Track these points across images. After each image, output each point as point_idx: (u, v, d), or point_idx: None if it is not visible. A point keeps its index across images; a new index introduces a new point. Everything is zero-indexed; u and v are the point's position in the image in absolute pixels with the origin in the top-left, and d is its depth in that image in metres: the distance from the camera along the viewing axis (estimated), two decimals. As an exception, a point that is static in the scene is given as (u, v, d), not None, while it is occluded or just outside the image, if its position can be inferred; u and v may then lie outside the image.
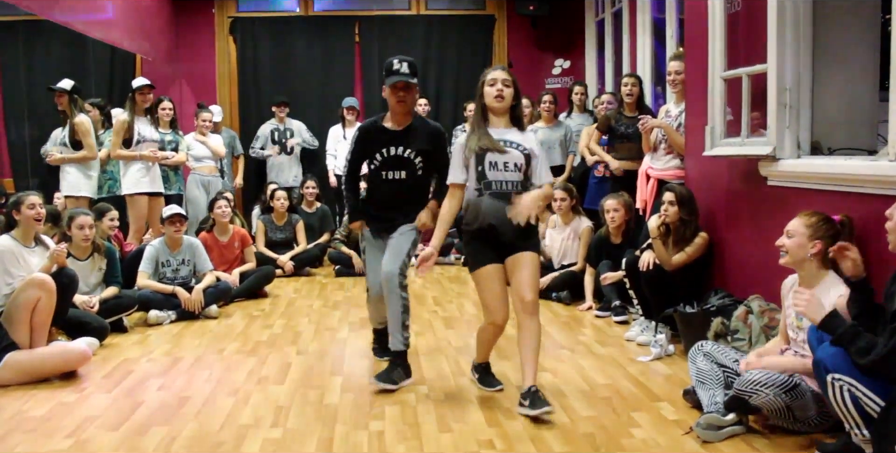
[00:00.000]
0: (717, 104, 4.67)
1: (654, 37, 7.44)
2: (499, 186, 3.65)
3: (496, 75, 3.73)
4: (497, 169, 3.65)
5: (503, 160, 3.65)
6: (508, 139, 3.69)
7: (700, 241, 4.74)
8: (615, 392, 3.83)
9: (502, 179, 3.65)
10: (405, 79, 4.08)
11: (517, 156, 3.66)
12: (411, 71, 4.12)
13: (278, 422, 3.48)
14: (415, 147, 4.15)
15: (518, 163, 3.66)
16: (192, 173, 8.04)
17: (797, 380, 3.02)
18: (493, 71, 3.77)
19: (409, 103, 4.15)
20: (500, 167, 3.65)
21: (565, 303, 5.95)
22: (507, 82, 3.71)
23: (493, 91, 3.70)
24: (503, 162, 3.65)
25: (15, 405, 3.75)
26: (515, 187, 3.66)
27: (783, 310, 3.39)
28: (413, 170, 4.18)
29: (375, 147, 4.16)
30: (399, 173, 4.18)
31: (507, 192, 3.64)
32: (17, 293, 4.35)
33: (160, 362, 4.54)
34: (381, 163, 4.17)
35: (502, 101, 3.70)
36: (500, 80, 3.71)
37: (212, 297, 5.81)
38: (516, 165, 3.66)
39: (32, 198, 4.68)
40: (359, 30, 10.03)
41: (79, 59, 9.35)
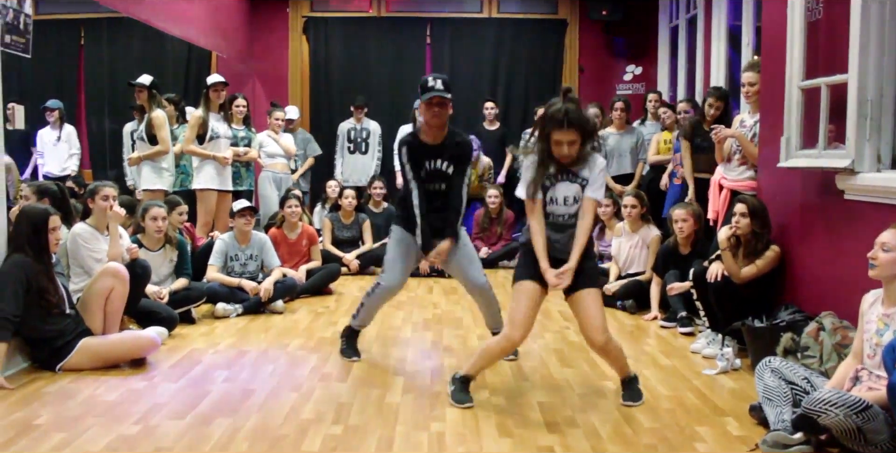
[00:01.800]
0: (794, 114, 4.56)
1: (729, 44, 7.32)
2: (556, 219, 3.69)
3: (561, 137, 3.52)
4: (556, 203, 3.67)
5: (563, 195, 3.65)
6: (572, 171, 3.64)
7: (771, 255, 4.64)
8: (679, 404, 3.77)
9: (559, 213, 3.68)
10: (440, 94, 4.20)
11: (576, 190, 3.65)
12: (445, 87, 4.23)
13: (340, 419, 3.51)
14: (449, 160, 4.34)
15: (577, 196, 3.65)
16: (264, 170, 8.17)
17: (870, 402, 2.93)
18: (557, 129, 3.52)
19: (443, 118, 4.29)
20: (558, 201, 3.66)
21: (630, 312, 5.88)
22: (573, 141, 3.53)
23: (559, 150, 3.56)
24: (563, 197, 3.66)
25: (88, 389, 3.87)
26: (566, 220, 3.67)
27: (860, 327, 3.29)
28: (450, 182, 4.37)
29: (421, 160, 4.32)
30: (440, 185, 4.37)
31: (564, 225, 3.68)
32: (93, 281, 4.49)
33: (226, 354, 4.63)
34: (426, 176, 4.34)
35: (570, 159, 3.59)
36: (565, 142, 3.52)
37: (278, 293, 5.89)
38: (575, 199, 3.66)
39: (107, 190, 4.82)
40: (430, 31, 10.08)
41: (157, 56, 9.60)
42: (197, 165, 6.86)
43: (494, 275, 7.71)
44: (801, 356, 3.79)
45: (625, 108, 7.43)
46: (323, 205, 8.31)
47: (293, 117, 8.91)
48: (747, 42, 6.79)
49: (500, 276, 7.63)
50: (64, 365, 4.14)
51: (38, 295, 4.08)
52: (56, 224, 4.20)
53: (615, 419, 3.55)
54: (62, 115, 8.49)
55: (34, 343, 4.18)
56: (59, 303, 4.18)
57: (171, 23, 7.55)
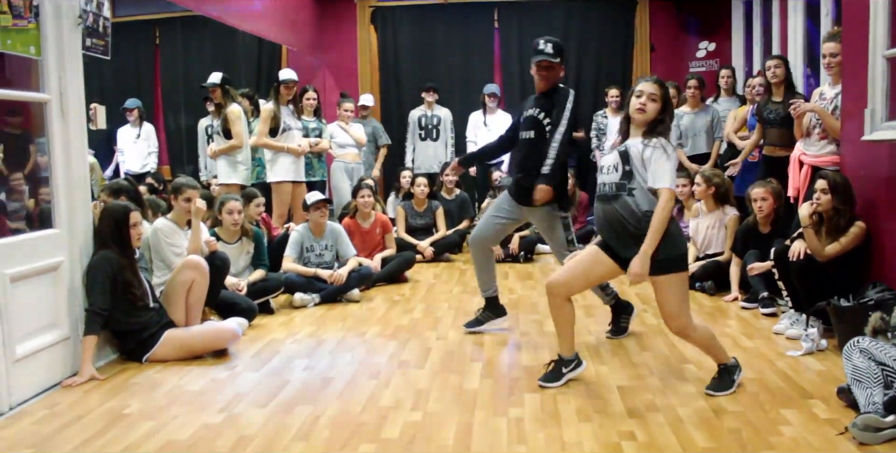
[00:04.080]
0: (879, 85, 4.39)
1: (806, 16, 7.06)
2: (601, 189, 3.64)
3: (643, 88, 3.58)
4: (602, 172, 3.64)
5: (606, 164, 3.62)
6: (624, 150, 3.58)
7: (856, 231, 4.49)
8: (763, 387, 3.68)
9: (602, 182, 3.63)
10: (547, 58, 4.44)
11: (614, 157, 3.58)
12: (555, 50, 4.47)
13: (418, 406, 3.53)
14: (543, 108, 4.50)
15: (615, 164, 3.57)
16: (336, 160, 8.25)
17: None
18: (643, 81, 3.62)
19: (550, 79, 4.51)
20: (604, 170, 3.63)
21: (710, 294, 5.76)
22: (653, 97, 3.55)
23: (636, 103, 3.57)
24: (606, 165, 3.62)
25: (173, 379, 3.98)
26: (610, 189, 3.57)
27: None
28: (541, 131, 4.48)
29: (524, 109, 4.62)
30: (528, 133, 4.54)
31: (607, 196, 3.59)
32: (175, 274, 4.60)
33: (305, 343, 4.70)
34: (522, 123, 4.60)
35: (643, 113, 3.55)
36: (646, 93, 3.56)
37: (354, 281, 5.95)
38: (614, 166, 3.57)
39: (190, 192, 4.89)
40: (498, 16, 10.00)
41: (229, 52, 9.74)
42: (270, 158, 6.97)
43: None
44: (891, 336, 3.64)
45: (699, 86, 7.24)
46: (397, 195, 8.36)
47: (369, 104, 8.98)
48: (826, 12, 6.54)
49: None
50: (150, 357, 4.26)
51: (123, 289, 4.20)
52: (137, 219, 4.32)
53: (697, 403, 3.48)
54: (141, 114, 8.71)
55: (121, 335, 4.31)
56: (143, 297, 4.30)
57: (241, 18, 7.67)
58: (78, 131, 4.15)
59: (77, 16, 4.14)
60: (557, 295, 3.73)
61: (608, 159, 3.63)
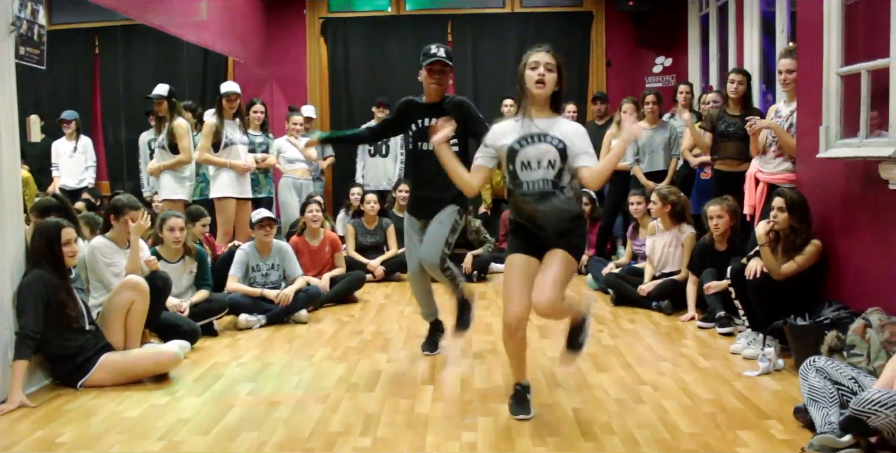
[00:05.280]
0: (833, 102, 4.51)
1: (762, 31, 7.24)
2: (531, 187, 3.51)
3: (538, 58, 3.51)
4: (529, 168, 3.50)
5: (536, 159, 3.49)
6: (545, 132, 3.50)
7: (812, 250, 4.59)
8: (720, 408, 3.73)
9: (534, 179, 3.50)
10: (442, 59, 4.40)
11: (549, 152, 3.47)
12: (447, 55, 4.44)
13: (368, 431, 3.51)
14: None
15: (551, 160, 3.47)
16: (285, 176, 8.22)
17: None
18: (535, 52, 3.55)
19: (443, 84, 4.48)
20: (532, 166, 3.49)
21: (666, 313, 5.84)
22: (549, 66, 3.50)
23: (533, 75, 3.50)
24: (536, 161, 3.49)
25: (110, 406, 3.90)
26: (547, 185, 3.49)
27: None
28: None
29: (411, 117, 4.50)
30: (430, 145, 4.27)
31: (541, 192, 3.49)
32: (113, 295, 4.53)
33: (250, 367, 4.65)
34: (415, 134, 4.49)
35: (543, 87, 3.50)
36: (542, 63, 3.49)
37: (301, 302, 5.92)
38: (549, 162, 3.48)
39: (132, 214, 4.82)
40: (451, 29, 10.08)
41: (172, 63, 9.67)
42: (213, 173, 6.91)
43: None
44: (847, 355, 3.73)
45: (657, 102, 7.36)
46: (346, 212, 8.34)
47: (312, 116, 8.95)
48: (781, 28, 6.72)
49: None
50: (85, 382, 4.18)
51: (57, 310, 4.12)
52: (70, 236, 4.23)
53: (653, 424, 3.52)
54: (78, 127, 8.60)
55: (54, 359, 4.22)
56: (78, 318, 4.22)
57: (185, 28, 7.62)
58: (10, 144, 4.07)
59: (10, 23, 4.07)
60: (522, 328, 3.56)
61: (537, 152, 3.49)
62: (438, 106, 4.45)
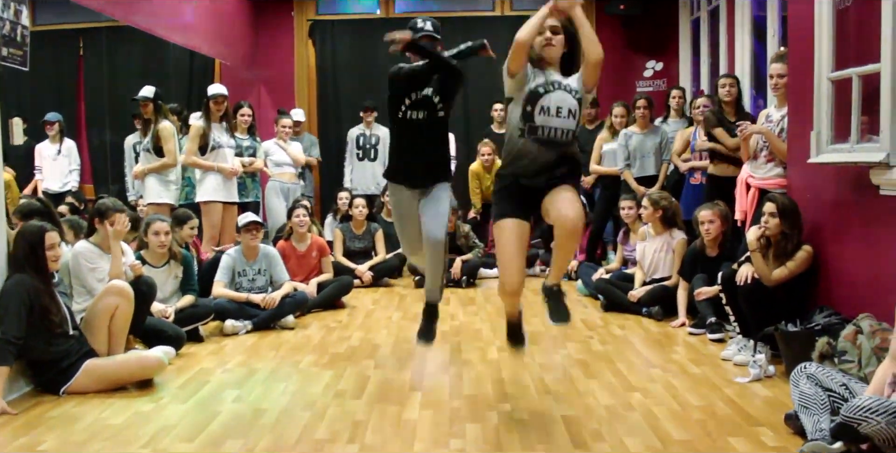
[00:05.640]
0: (824, 107, 4.53)
1: (754, 36, 7.28)
2: (546, 133, 3.57)
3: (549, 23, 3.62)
4: (549, 113, 3.56)
5: (556, 105, 3.56)
6: (561, 81, 3.61)
7: (803, 255, 4.61)
8: (710, 414, 3.74)
9: (552, 126, 3.57)
10: (430, 34, 4.40)
11: (571, 102, 3.58)
12: (434, 29, 4.43)
13: (355, 438, 3.51)
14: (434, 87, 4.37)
15: (572, 109, 3.58)
16: (272, 180, 8.20)
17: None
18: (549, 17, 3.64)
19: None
20: (552, 112, 3.56)
21: (657, 319, 5.85)
22: (556, 29, 3.60)
23: (541, 39, 3.60)
24: (556, 107, 3.56)
25: (93, 413, 3.88)
26: (566, 135, 3.58)
27: (898, 330, 3.26)
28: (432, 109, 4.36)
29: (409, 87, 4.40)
30: (420, 113, 4.35)
31: (555, 141, 3.58)
32: (96, 300, 4.51)
33: (236, 373, 4.64)
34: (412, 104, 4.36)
35: (552, 47, 3.60)
36: (548, 27, 3.59)
37: (288, 308, 5.90)
38: (570, 111, 3.58)
39: (117, 217, 4.82)
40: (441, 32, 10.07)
41: (158, 65, 9.65)
42: (199, 177, 6.90)
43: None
44: (838, 361, 3.75)
45: (648, 106, 7.38)
46: (334, 217, 8.32)
47: (300, 119, 8.95)
48: (773, 33, 6.75)
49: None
50: (68, 388, 4.16)
51: (40, 315, 4.10)
52: (53, 241, 4.22)
53: (643, 431, 3.52)
54: (62, 129, 8.55)
55: (37, 365, 4.20)
56: (61, 324, 4.20)
57: (171, 30, 7.61)
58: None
59: (-7, 25, 4.07)
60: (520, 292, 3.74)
61: (557, 100, 3.57)
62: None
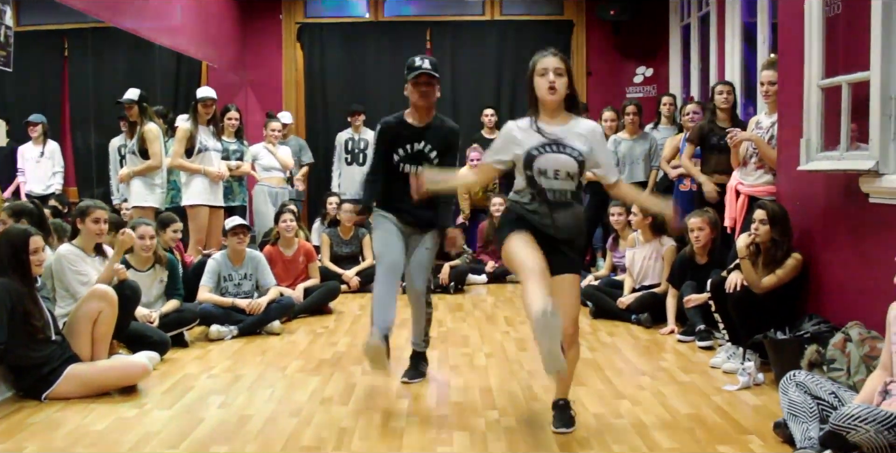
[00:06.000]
0: (814, 115, 4.56)
1: (744, 42, 7.32)
2: (556, 196, 3.51)
3: (546, 64, 3.49)
4: (546, 176, 3.50)
5: (553, 168, 3.48)
6: (561, 141, 3.49)
7: (793, 263, 4.63)
8: (699, 422, 3.75)
9: (555, 188, 3.50)
10: (428, 72, 4.30)
11: (569, 164, 3.48)
12: (433, 67, 4.34)
13: (342, 445, 3.50)
14: (434, 144, 4.38)
15: (570, 172, 3.49)
16: (260, 184, 8.17)
17: (902, 416, 2.91)
18: (543, 58, 3.52)
19: (431, 98, 4.38)
20: (549, 175, 3.49)
21: (645, 326, 5.86)
22: (559, 71, 3.48)
23: (544, 83, 3.48)
24: (553, 170, 3.49)
25: (76, 418, 3.86)
26: (566, 196, 3.52)
27: (888, 338, 3.27)
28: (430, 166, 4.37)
29: (399, 142, 4.38)
30: (416, 168, 4.36)
31: (561, 202, 3.52)
32: (79, 305, 4.49)
33: (221, 379, 4.62)
34: (403, 157, 4.38)
35: (555, 93, 3.48)
36: (551, 69, 3.47)
37: (275, 313, 5.89)
38: (568, 174, 3.49)
39: (98, 213, 4.82)
40: (430, 36, 10.11)
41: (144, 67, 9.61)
42: (185, 180, 6.88)
43: (501, 290, 7.72)
44: (827, 369, 3.76)
45: (637, 112, 7.41)
46: (322, 221, 8.31)
47: (288, 122, 8.94)
48: (763, 40, 6.80)
49: (508, 291, 7.64)
50: (50, 394, 4.13)
51: (22, 320, 4.07)
52: (38, 245, 4.20)
53: (631, 439, 3.53)
54: (45, 130, 8.50)
55: (18, 370, 4.17)
56: (44, 328, 4.17)
57: (157, 32, 7.59)
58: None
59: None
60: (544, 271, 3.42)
61: (552, 162, 3.48)
62: (428, 128, 4.40)
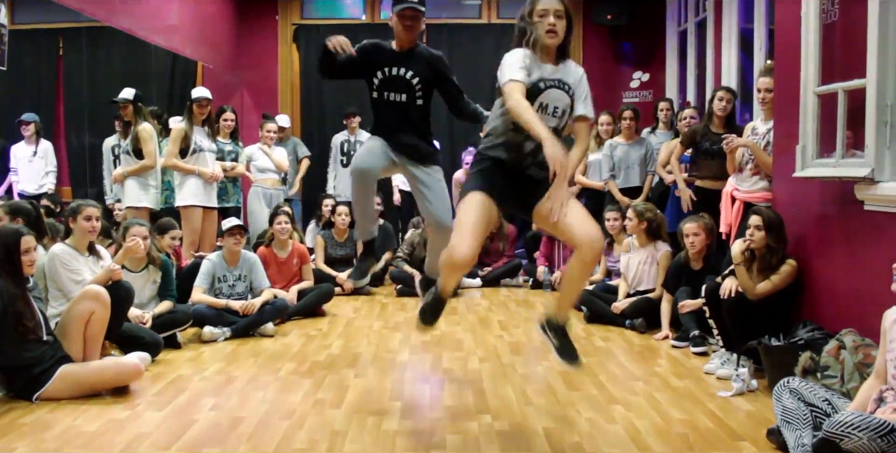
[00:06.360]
0: (810, 121, 4.58)
1: (740, 48, 7.35)
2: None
3: (547, 4, 3.41)
4: (546, 112, 3.46)
5: (554, 104, 3.46)
6: (560, 79, 3.49)
7: (787, 269, 4.65)
8: (692, 428, 3.76)
9: (550, 125, 3.42)
10: (413, 6, 4.24)
11: (565, 100, 3.49)
12: (420, 1, 4.26)
13: (334, 448, 3.50)
14: (416, 71, 4.29)
15: (564, 109, 3.50)
16: (255, 185, 8.17)
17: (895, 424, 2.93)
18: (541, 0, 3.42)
19: (415, 31, 4.30)
20: (549, 110, 3.48)
21: (640, 332, 5.88)
22: (559, 13, 3.41)
23: (545, 25, 3.39)
24: (553, 106, 3.46)
25: (67, 420, 3.86)
26: (556, 133, 3.44)
27: (882, 345, 3.29)
28: (413, 96, 4.32)
29: (377, 63, 4.30)
30: (400, 96, 4.32)
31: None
32: (72, 305, 4.48)
33: (213, 380, 4.62)
34: (381, 82, 4.31)
35: (555, 37, 3.42)
36: (552, 10, 3.39)
37: (268, 315, 5.89)
38: (564, 111, 3.51)
39: (90, 210, 4.84)
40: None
41: (140, 67, 9.64)
42: (179, 181, 6.88)
43: (496, 294, 7.73)
44: (821, 376, 3.78)
45: (634, 117, 7.43)
46: (317, 223, 8.32)
47: (285, 125, 8.95)
48: (759, 46, 6.82)
49: (502, 295, 7.65)
50: (41, 395, 4.13)
51: (14, 320, 4.07)
52: (30, 245, 4.20)
53: (625, 444, 3.54)
54: (38, 129, 8.51)
55: (9, 371, 4.16)
56: (35, 329, 4.17)
57: (153, 32, 7.59)
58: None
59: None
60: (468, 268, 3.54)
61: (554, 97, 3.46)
62: (409, 55, 4.33)
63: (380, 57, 4.33)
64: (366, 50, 4.35)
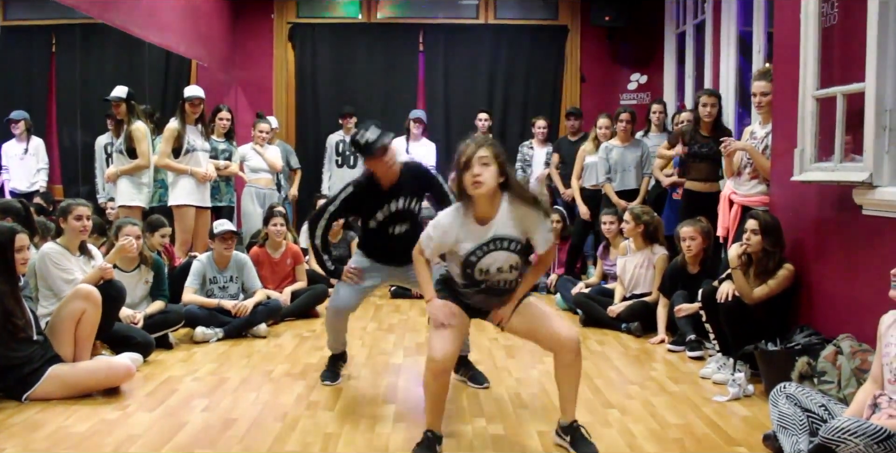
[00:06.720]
0: (808, 125, 4.59)
1: (739, 51, 7.36)
2: (492, 285, 3.47)
3: (469, 154, 3.23)
4: (488, 273, 3.42)
5: (497, 266, 3.40)
6: (500, 236, 3.36)
7: (785, 274, 4.66)
8: (688, 433, 3.76)
9: (494, 280, 3.45)
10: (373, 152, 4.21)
11: (512, 259, 3.41)
12: (377, 137, 4.20)
13: (327, 450, 3.50)
14: (411, 193, 4.42)
15: (513, 264, 3.42)
16: (248, 185, 8.15)
17: (891, 430, 2.93)
18: (466, 147, 3.27)
19: (391, 165, 4.30)
20: (492, 272, 3.41)
21: (636, 335, 5.88)
22: (485, 160, 3.21)
23: (468, 177, 3.21)
24: (497, 267, 3.40)
25: (57, 420, 3.85)
26: (509, 285, 3.48)
27: (878, 350, 3.30)
28: (414, 220, 4.46)
29: (374, 207, 4.39)
30: (402, 227, 4.44)
31: (502, 290, 3.51)
32: (63, 304, 4.48)
33: (205, 381, 4.61)
34: (385, 218, 4.41)
35: (480, 187, 3.22)
36: (476, 158, 3.20)
37: (261, 316, 5.88)
38: (512, 266, 3.43)
39: (81, 210, 4.83)
40: (423, 38, 10.12)
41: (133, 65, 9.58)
42: (172, 180, 6.87)
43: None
44: (817, 381, 3.79)
45: (630, 120, 7.44)
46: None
47: (274, 127, 8.93)
48: (758, 49, 6.83)
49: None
50: (31, 395, 4.12)
51: (4, 319, 4.06)
52: (23, 243, 4.19)
53: (620, 449, 3.54)
54: (29, 127, 8.47)
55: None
56: (25, 327, 4.16)
57: (147, 29, 7.58)
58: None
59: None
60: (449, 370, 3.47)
61: (499, 258, 3.39)
62: (399, 185, 4.37)
63: (372, 200, 4.40)
64: (357, 198, 4.40)
